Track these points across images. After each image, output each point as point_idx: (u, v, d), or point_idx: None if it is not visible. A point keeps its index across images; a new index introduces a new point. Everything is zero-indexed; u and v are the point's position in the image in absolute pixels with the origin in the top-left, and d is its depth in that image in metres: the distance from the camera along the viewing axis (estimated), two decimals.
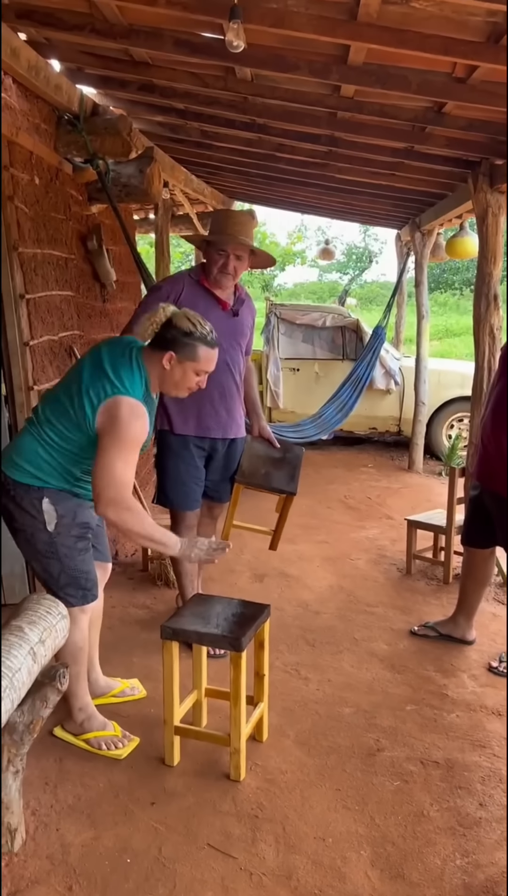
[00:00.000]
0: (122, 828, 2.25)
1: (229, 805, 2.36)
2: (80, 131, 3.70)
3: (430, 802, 2.38)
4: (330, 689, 3.05)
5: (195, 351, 2.32)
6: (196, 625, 2.46)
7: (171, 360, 2.31)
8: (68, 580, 2.45)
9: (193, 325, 2.32)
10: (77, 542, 2.45)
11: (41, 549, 2.41)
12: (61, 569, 2.43)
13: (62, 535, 2.40)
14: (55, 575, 2.44)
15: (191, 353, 2.32)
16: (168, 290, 3.09)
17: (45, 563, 2.43)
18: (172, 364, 2.31)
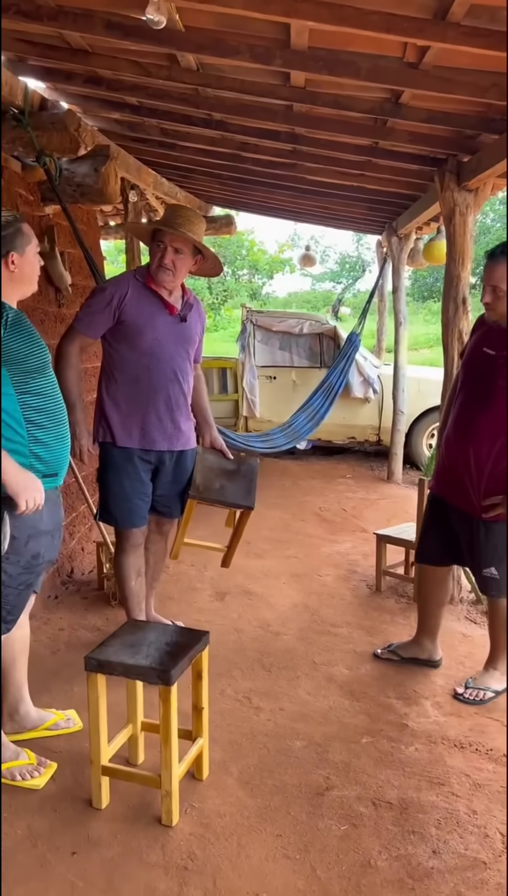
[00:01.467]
0: (35, 883, 2.03)
1: (157, 855, 2.14)
2: (25, 126, 3.50)
3: (379, 850, 2.17)
4: (282, 719, 2.83)
5: (22, 234, 2.23)
6: (123, 655, 2.24)
7: (13, 259, 2.20)
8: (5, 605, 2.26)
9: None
10: (22, 575, 2.27)
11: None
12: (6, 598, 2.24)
13: (9, 561, 2.20)
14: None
15: (21, 239, 2.23)
16: (112, 292, 2.93)
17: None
18: (16, 261, 2.21)
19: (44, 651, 3.33)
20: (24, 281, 2.27)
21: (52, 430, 2.28)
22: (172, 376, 3.00)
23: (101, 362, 3.10)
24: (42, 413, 2.24)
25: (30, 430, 2.21)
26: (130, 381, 2.98)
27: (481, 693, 2.94)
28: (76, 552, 4.42)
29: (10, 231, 2.19)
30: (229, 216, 7.92)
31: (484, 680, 2.99)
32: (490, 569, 2.81)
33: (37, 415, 2.22)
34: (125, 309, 2.89)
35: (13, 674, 2.59)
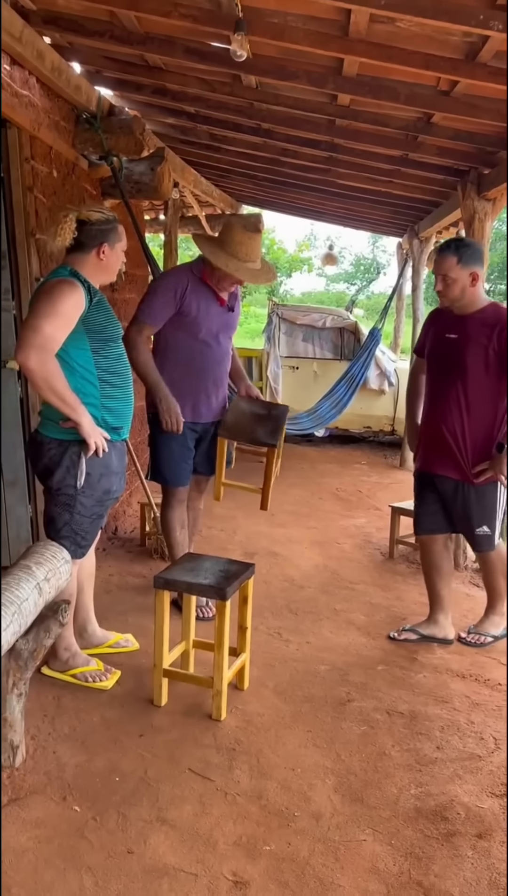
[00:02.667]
0: (112, 753, 2.50)
1: (209, 739, 2.60)
2: (96, 129, 3.97)
3: (392, 744, 2.62)
4: (309, 649, 3.29)
5: (117, 231, 2.63)
6: (186, 576, 2.71)
7: (104, 250, 2.59)
8: (69, 533, 2.71)
9: (102, 213, 2.60)
10: (95, 507, 2.72)
11: (63, 499, 2.65)
12: (68, 521, 2.69)
13: (85, 493, 2.65)
14: (60, 525, 2.69)
15: (115, 235, 2.62)
16: (174, 286, 3.25)
17: (59, 510, 2.68)
18: (106, 252, 2.60)
19: (98, 591, 3.76)
20: (107, 271, 2.70)
21: (121, 389, 2.75)
22: (219, 359, 3.45)
23: (154, 344, 3.52)
24: (113, 374, 2.70)
25: (102, 388, 2.67)
26: (185, 363, 3.38)
27: (481, 638, 3.37)
28: (119, 513, 4.88)
29: (107, 227, 2.63)
30: (257, 215, 8.38)
31: (484, 626, 3.41)
32: (482, 527, 3.17)
33: (109, 375, 2.68)
34: (185, 302, 3.26)
35: (82, 596, 3.07)
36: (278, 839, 2.14)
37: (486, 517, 3.18)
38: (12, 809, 2.19)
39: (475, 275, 2.98)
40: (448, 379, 3.13)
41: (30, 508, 3.73)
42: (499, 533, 3.22)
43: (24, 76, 3.31)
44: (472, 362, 3.04)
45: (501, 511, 3.19)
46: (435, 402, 3.20)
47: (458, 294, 3.02)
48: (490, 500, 3.16)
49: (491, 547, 3.23)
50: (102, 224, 2.61)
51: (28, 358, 2.34)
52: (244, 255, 3.13)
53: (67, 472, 2.62)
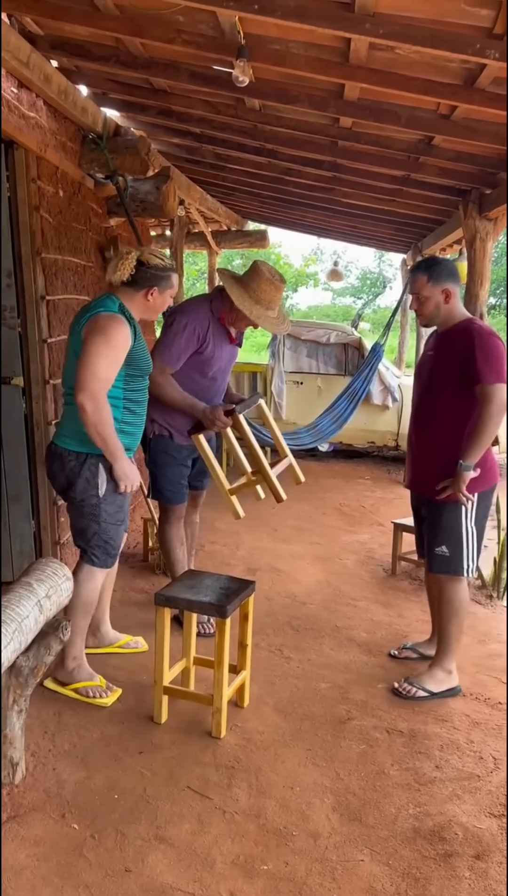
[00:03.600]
0: (111, 771, 2.51)
1: (209, 757, 2.61)
2: (102, 149, 4.04)
3: (391, 763, 2.63)
4: (309, 666, 3.30)
5: (171, 280, 2.77)
6: (187, 594, 2.73)
7: (153, 294, 2.73)
8: (99, 542, 2.84)
9: (161, 259, 2.74)
10: (117, 513, 2.84)
11: (87, 510, 2.77)
12: (97, 531, 2.81)
13: (107, 501, 2.77)
14: (90, 535, 2.82)
15: (168, 283, 2.77)
16: (197, 330, 3.20)
17: (87, 522, 2.80)
18: (154, 296, 2.74)
19: None
20: (150, 311, 2.83)
21: (140, 416, 2.90)
22: (221, 391, 3.52)
23: None
24: (136, 403, 2.85)
25: (124, 414, 2.79)
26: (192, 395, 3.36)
27: (414, 690, 3.04)
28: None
29: (162, 274, 2.75)
30: (263, 231, 8.46)
31: (422, 679, 3.08)
32: (441, 547, 2.98)
33: (133, 404, 2.83)
34: (204, 344, 3.27)
35: (101, 598, 3.16)
36: (276, 858, 2.14)
37: (446, 537, 2.99)
38: (11, 827, 2.21)
39: (447, 291, 2.94)
40: (422, 395, 3.12)
41: (33, 524, 3.76)
42: (465, 565, 2.98)
43: (31, 99, 3.37)
44: (441, 378, 3.00)
45: (467, 538, 2.98)
46: (412, 419, 3.21)
47: (432, 311, 2.99)
48: (452, 520, 2.97)
49: (446, 570, 3.00)
50: (157, 270, 2.74)
51: (85, 402, 2.55)
52: (267, 302, 3.18)
53: (87, 482, 2.74)
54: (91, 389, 2.55)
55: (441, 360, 3.01)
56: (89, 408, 2.55)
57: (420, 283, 2.98)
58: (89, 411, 2.56)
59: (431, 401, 3.06)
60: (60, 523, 3.81)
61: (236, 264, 21.45)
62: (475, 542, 3.01)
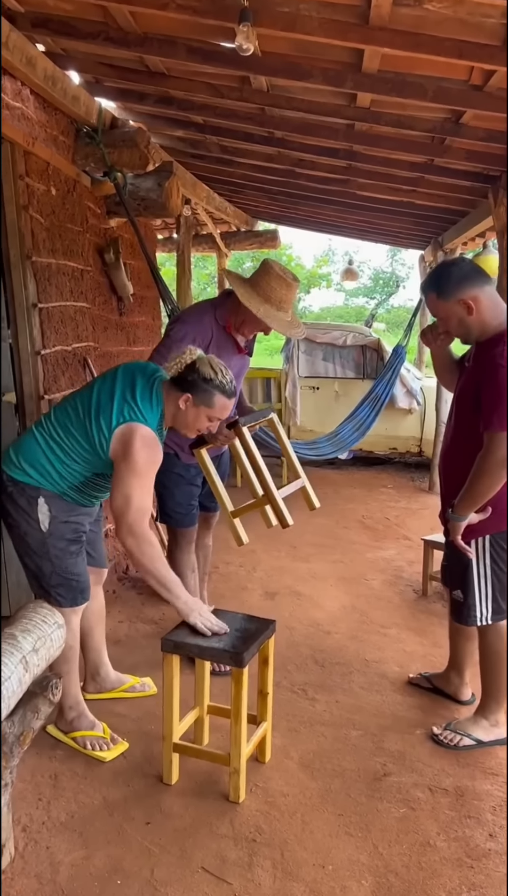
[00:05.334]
0: (114, 847, 2.17)
1: (226, 827, 2.26)
2: (98, 143, 3.72)
3: (437, 831, 2.27)
4: (338, 710, 2.94)
5: (212, 398, 2.35)
6: (197, 638, 2.38)
7: (187, 402, 2.35)
8: (60, 580, 2.48)
9: (214, 372, 2.33)
10: (70, 545, 2.48)
11: (34, 547, 2.44)
12: (52, 569, 2.46)
13: (54, 535, 2.43)
14: (46, 574, 2.46)
15: (207, 399, 2.35)
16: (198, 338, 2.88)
17: (38, 561, 2.46)
18: (187, 406, 2.35)
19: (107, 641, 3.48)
20: (177, 421, 2.42)
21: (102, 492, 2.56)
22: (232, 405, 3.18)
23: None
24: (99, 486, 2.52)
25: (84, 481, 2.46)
26: None
27: (457, 738, 2.69)
28: None
29: (204, 386, 2.33)
30: (274, 231, 8.11)
31: (465, 725, 2.73)
32: (457, 591, 2.66)
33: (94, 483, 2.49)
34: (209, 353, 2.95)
35: (92, 639, 2.86)
36: None
37: (460, 580, 2.63)
38: None
39: (466, 302, 2.40)
40: (449, 415, 2.71)
41: None
42: (477, 613, 2.61)
43: (15, 86, 3.06)
44: (463, 400, 2.57)
45: (479, 583, 2.58)
46: (443, 440, 2.83)
47: (458, 330, 2.49)
48: (461, 561, 2.59)
49: (463, 620, 2.65)
50: (202, 379, 2.33)
51: (126, 541, 2.30)
52: (278, 301, 2.84)
53: (28, 515, 2.40)
54: (129, 525, 2.27)
55: (465, 378, 2.59)
56: (133, 547, 2.30)
57: (431, 302, 2.50)
58: (135, 552, 2.31)
59: (454, 424, 2.65)
60: None
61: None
62: (488, 587, 2.59)
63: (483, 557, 2.56)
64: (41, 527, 2.39)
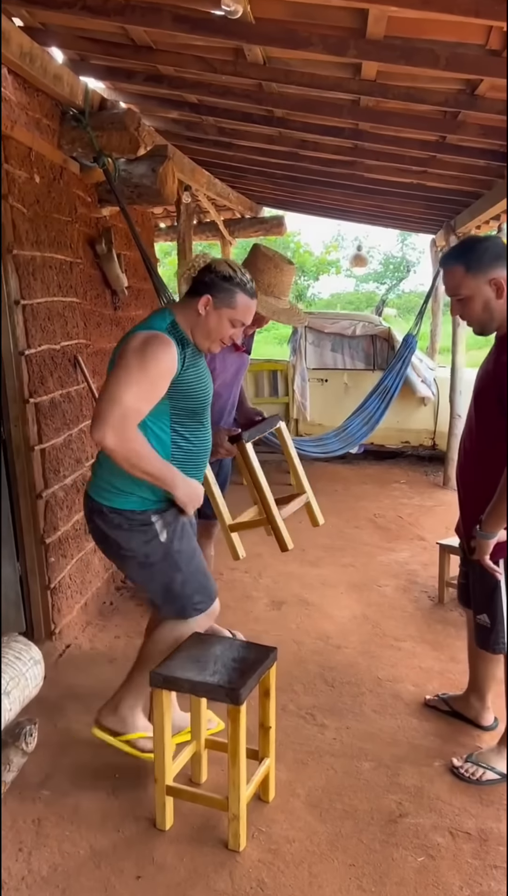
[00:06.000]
0: None
1: (224, 882, 2.04)
2: (85, 126, 3.46)
3: (459, 885, 2.04)
4: (349, 738, 2.71)
5: (233, 297, 2.17)
6: (190, 672, 2.15)
7: (207, 305, 2.15)
8: (194, 586, 2.31)
9: (233, 270, 2.17)
10: (190, 542, 2.33)
11: (159, 565, 2.24)
12: (184, 578, 2.28)
13: (175, 539, 2.25)
14: (179, 587, 2.27)
15: (229, 299, 2.16)
16: None
17: (167, 577, 2.26)
18: (207, 309, 2.15)
19: (100, 660, 3.27)
20: (198, 332, 2.18)
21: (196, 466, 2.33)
22: (229, 408, 2.98)
23: None
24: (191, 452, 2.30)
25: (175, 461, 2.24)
26: None
27: (480, 772, 2.45)
28: None
29: (223, 284, 2.15)
30: (279, 217, 7.83)
31: (488, 757, 2.50)
32: (482, 615, 2.44)
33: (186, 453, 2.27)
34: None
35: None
36: None
37: (485, 604, 2.42)
38: None
39: (497, 282, 2.16)
40: (468, 415, 2.44)
41: (18, 567, 3.22)
42: (504, 640, 2.40)
43: None
44: (483, 400, 2.32)
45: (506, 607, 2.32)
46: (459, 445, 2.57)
47: (481, 314, 2.21)
48: (489, 584, 2.36)
49: (490, 647, 2.45)
50: (220, 277, 2.16)
51: (105, 436, 1.98)
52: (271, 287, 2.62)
53: (144, 535, 2.21)
54: (111, 421, 1.96)
55: (487, 379, 2.32)
56: (111, 443, 1.98)
57: (456, 277, 2.20)
58: (112, 446, 1.99)
59: (475, 429, 2.38)
60: (50, 564, 3.26)
61: None
62: None
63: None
64: (161, 539, 2.21)
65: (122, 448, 2.00)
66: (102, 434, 1.97)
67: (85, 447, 3.71)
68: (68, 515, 3.47)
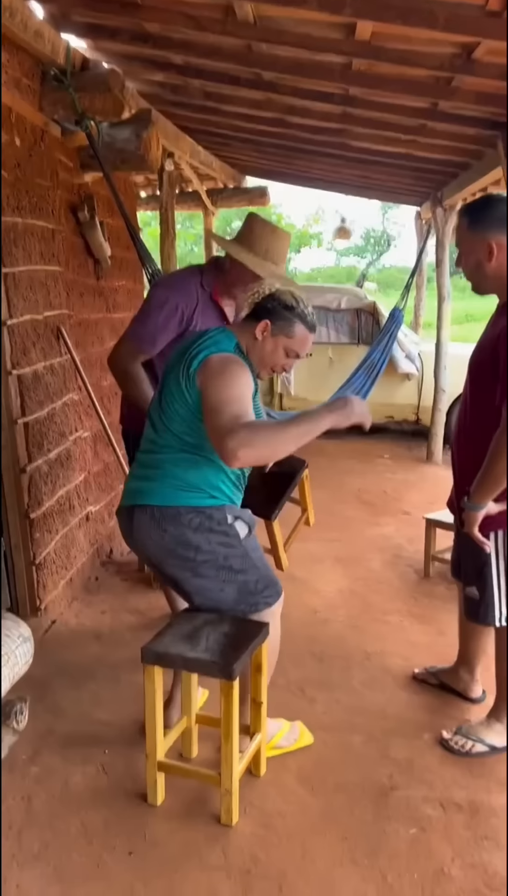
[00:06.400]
0: (93, 884, 1.94)
1: (218, 857, 2.03)
2: (67, 88, 3.33)
3: (452, 857, 2.04)
4: (339, 712, 2.71)
5: (292, 327, 2.13)
6: (182, 647, 2.12)
7: (265, 331, 2.11)
8: (266, 582, 2.26)
9: (296, 301, 2.13)
10: (256, 540, 2.27)
11: (237, 566, 2.17)
12: (258, 575, 2.23)
13: (250, 538, 2.22)
14: (253, 585, 2.22)
15: (287, 328, 2.12)
16: (180, 306, 2.58)
17: (242, 579, 2.20)
18: (264, 335, 2.12)
19: (87, 635, 3.24)
20: (252, 356, 2.14)
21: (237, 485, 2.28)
22: None
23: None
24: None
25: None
26: None
27: (469, 744, 2.46)
28: (114, 532, 4.31)
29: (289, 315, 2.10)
30: (263, 188, 7.70)
31: (478, 730, 2.50)
32: (471, 587, 2.43)
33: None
34: (193, 324, 2.61)
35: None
36: None
37: (474, 576, 2.41)
38: None
39: (490, 246, 2.14)
40: (464, 388, 2.41)
41: (3, 542, 3.16)
42: (495, 613, 2.37)
43: None
44: (479, 370, 2.28)
45: (498, 581, 2.35)
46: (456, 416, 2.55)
47: (474, 271, 2.22)
48: (479, 556, 2.34)
49: (480, 619, 2.44)
50: (282, 305, 2.11)
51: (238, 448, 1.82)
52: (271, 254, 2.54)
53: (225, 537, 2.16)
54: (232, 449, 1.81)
55: (483, 347, 2.29)
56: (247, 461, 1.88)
57: (461, 230, 2.24)
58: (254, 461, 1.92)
59: (469, 398, 2.36)
60: (35, 540, 3.21)
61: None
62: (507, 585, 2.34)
63: (502, 552, 2.30)
64: (240, 537, 2.15)
65: (252, 441, 1.84)
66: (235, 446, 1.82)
67: (69, 421, 3.63)
68: (53, 490, 3.40)
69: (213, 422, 1.92)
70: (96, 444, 4.10)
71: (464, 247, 2.23)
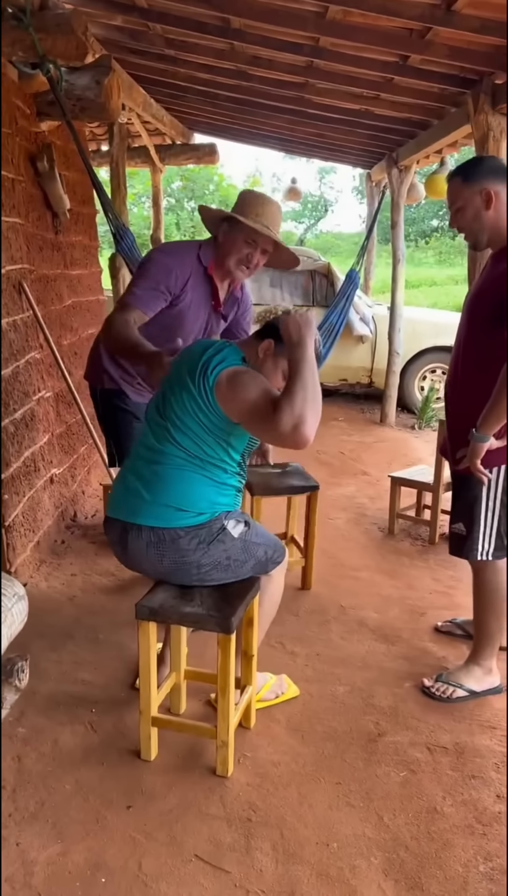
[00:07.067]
0: (94, 839, 1.93)
1: (216, 807, 2.05)
2: (26, 27, 3.16)
3: (442, 795, 2.12)
4: (320, 664, 2.75)
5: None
6: (176, 602, 2.11)
7: (267, 350, 2.08)
8: (272, 548, 2.27)
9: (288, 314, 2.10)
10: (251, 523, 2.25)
11: (242, 558, 2.18)
12: (264, 548, 2.24)
13: (247, 528, 2.20)
14: (263, 558, 2.24)
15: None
16: (176, 271, 2.53)
17: (252, 562, 2.22)
18: (266, 355, 2.09)
19: (60, 597, 3.19)
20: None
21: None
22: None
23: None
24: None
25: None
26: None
27: (450, 690, 2.54)
28: (78, 495, 4.23)
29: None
30: (212, 145, 7.52)
31: (457, 676, 2.58)
32: (457, 524, 2.49)
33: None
34: (182, 295, 2.56)
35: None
36: None
37: (462, 513, 2.47)
38: None
39: (488, 193, 2.23)
40: (457, 337, 2.49)
41: None
42: (479, 547, 2.44)
43: None
44: (475, 316, 2.36)
45: (485, 517, 2.41)
46: (449, 367, 2.59)
47: (472, 222, 2.29)
48: (470, 493, 2.42)
49: (463, 553, 2.48)
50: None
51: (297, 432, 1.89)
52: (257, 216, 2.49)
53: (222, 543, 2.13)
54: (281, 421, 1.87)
55: (479, 293, 2.37)
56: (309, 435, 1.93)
57: (454, 187, 2.30)
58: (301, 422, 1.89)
59: (463, 345, 2.43)
60: (4, 501, 3.11)
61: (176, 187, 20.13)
62: (494, 522, 2.42)
63: (494, 489, 2.37)
64: (234, 535, 2.14)
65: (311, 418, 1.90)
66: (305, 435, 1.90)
67: (32, 380, 3.52)
68: (19, 451, 3.30)
69: (258, 427, 1.98)
70: (58, 405, 3.99)
71: (460, 201, 2.28)
